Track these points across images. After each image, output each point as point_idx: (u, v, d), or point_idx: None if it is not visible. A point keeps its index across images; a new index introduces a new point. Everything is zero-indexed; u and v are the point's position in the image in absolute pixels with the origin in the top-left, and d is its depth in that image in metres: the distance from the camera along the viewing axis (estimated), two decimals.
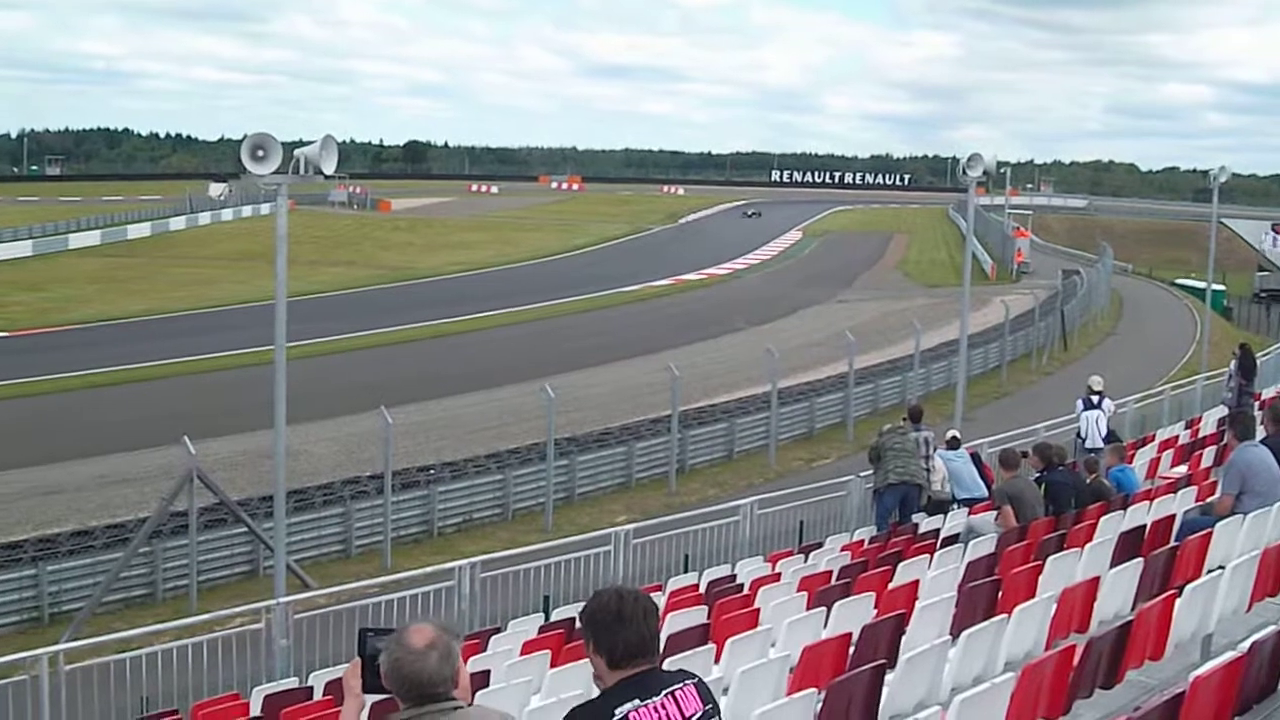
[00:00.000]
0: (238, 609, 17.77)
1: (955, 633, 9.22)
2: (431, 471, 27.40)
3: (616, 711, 4.47)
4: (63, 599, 21.62)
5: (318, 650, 15.36)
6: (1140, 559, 10.43)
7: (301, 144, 17.16)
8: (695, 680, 4.66)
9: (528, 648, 11.89)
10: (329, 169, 16.87)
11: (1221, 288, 62.29)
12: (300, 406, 19.11)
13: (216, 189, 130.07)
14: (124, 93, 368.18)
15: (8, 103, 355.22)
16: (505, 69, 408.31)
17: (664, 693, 4.55)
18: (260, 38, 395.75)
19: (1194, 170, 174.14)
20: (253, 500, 24.01)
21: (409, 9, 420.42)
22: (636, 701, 4.48)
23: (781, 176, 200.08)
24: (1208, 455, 20.04)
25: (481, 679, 9.80)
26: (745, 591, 13.84)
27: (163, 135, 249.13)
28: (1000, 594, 10.37)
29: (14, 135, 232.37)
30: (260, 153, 16.28)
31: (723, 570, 16.76)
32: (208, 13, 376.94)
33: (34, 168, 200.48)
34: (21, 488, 27.40)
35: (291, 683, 13.50)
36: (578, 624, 4.86)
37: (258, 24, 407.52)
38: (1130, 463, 19.18)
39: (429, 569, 18.31)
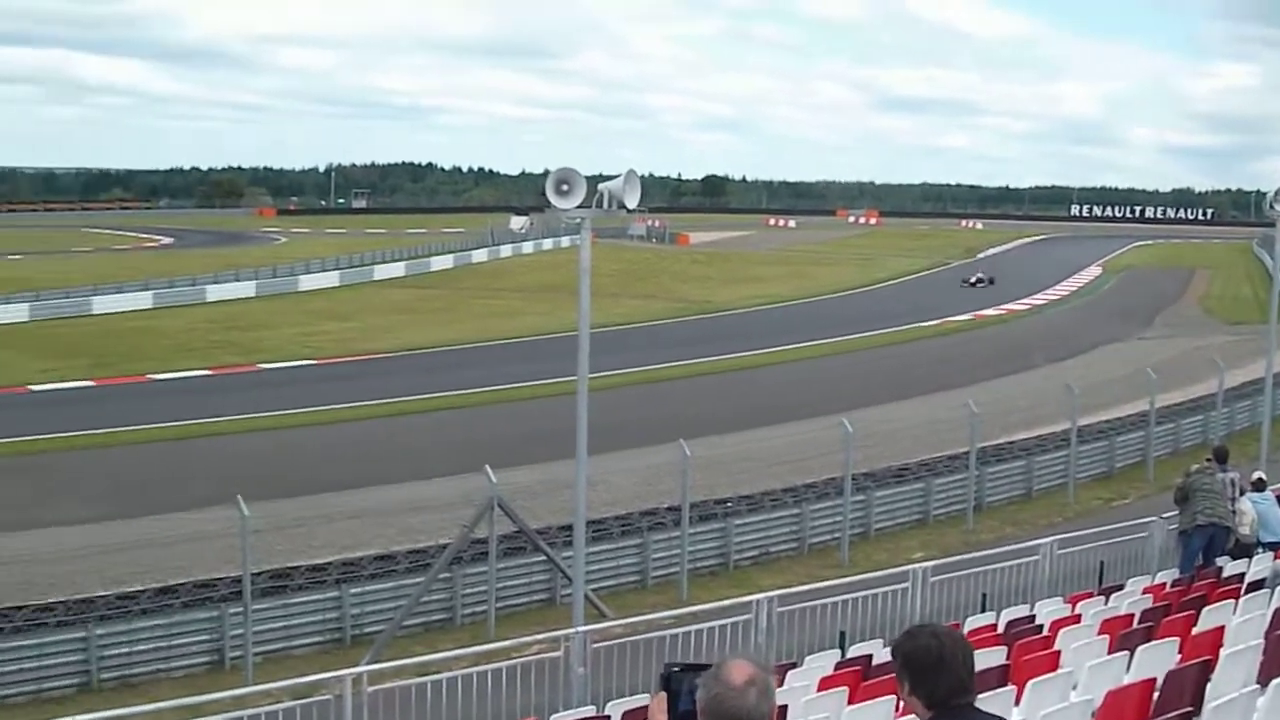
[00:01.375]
0: (536, 636, 17.80)
1: (1263, 681, 8.72)
2: (728, 504, 27.23)
3: None
4: (364, 621, 22.09)
5: (615, 679, 15.24)
6: None
7: (602, 178, 17.17)
8: None
9: (824, 684, 11.55)
10: (631, 203, 16.88)
11: None
12: (600, 437, 19.09)
13: (517, 222, 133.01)
14: (427, 128, 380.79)
15: (316, 138, 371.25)
16: (799, 103, 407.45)
17: None
18: (558, 74, 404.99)
19: None
20: (551, 529, 24.17)
21: (702, 43, 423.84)
22: None
23: (1080, 211, 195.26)
24: None
25: (779, 715, 9.50)
26: (1045, 633, 13.31)
27: (465, 169, 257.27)
28: None
29: (322, 169, 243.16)
30: (565, 187, 16.37)
31: (1021, 610, 16.12)
32: (508, 50, 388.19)
33: (341, 201, 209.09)
34: (329, 511, 28.16)
35: (589, 711, 13.39)
36: (892, 662, 4.60)
37: (556, 60, 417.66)
38: None
39: (726, 602, 18.06)
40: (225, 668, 20.83)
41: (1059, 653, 11.40)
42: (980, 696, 8.00)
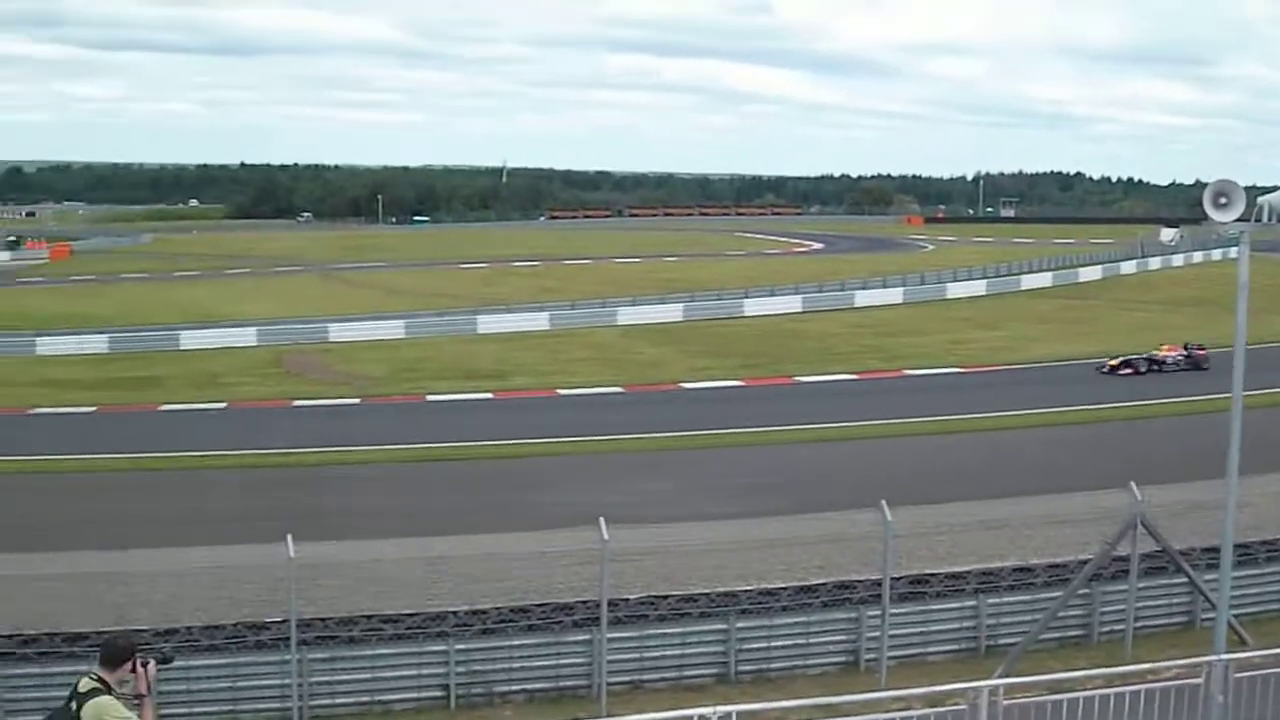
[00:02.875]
0: (1175, 661, 17.14)
1: None
2: None
3: None
4: (999, 632, 21.96)
5: (1256, 710, 14.48)
6: None
7: (1259, 190, 16.41)
8: None
9: None
10: None
11: None
12: (1246, 458, 18.14)
13: (1168, 234, 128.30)
14: (1076, 138, 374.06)
15: (963, 146, 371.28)
16: None
17: None
18: (1210, 81, 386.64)
19: None
20: (1194, 551, 23.16)
21: None
22: None
23: None
24: None
25: None
26: None
27: (1114, 179, 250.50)
28: None
29: (970, 178, 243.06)
30: (1223, 200, 15.74)
31: None
32: (1156, 57, 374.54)
33: (989, 209, 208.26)
34: (967, 520, 28.12)
35: None
36: None
37: (1207, 68, 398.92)
38: None
39: None
40: (859, 669, 21.20)
41: None
42: None
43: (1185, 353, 51.60)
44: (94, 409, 48.29)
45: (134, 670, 9.06)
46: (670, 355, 59.40)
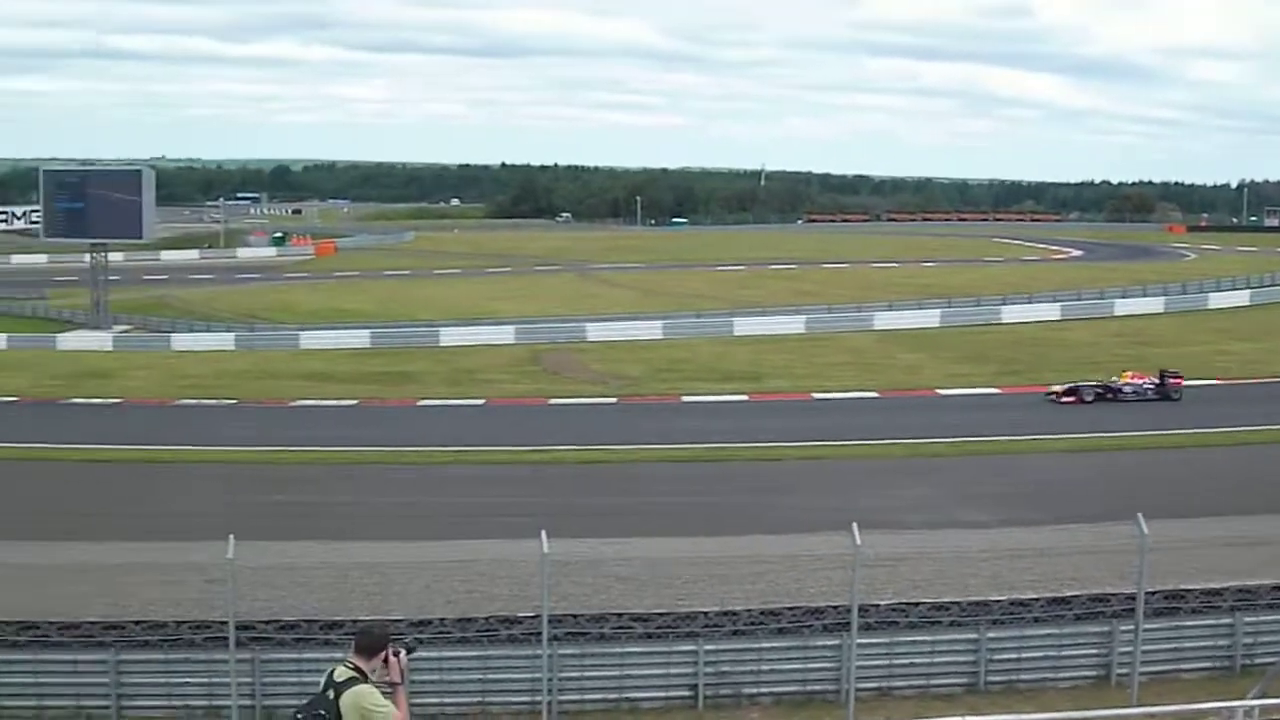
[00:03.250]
0: None
1: None
2: None
3: None
4: (1256, 652, 21.52)
5: None
6: None
7: None
8: None
9: None
10: None
11: None
12: None
13: None
14: None
15: (1228, 153, 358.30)
16: None
17: None
18: None
19: None
20: None
21: None
22: None
23: None
24: None
25: None
26: None
27: None
28: None
29: (1234, 186, 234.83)
30: None
31: None
32: None
33: (1253, 218, 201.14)
34: (1224, 534, 27.49)
35: None
36: None
37: None
38: None
39: None
40: (1110, 684, 20.96)
41: None
42: None
43: (1156, 381, 48.91)
44: (354, 402, 50.28)
45: (387, 660, 9.21)
46: (926, 361, 59.07)
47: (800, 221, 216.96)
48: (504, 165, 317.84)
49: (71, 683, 19.84)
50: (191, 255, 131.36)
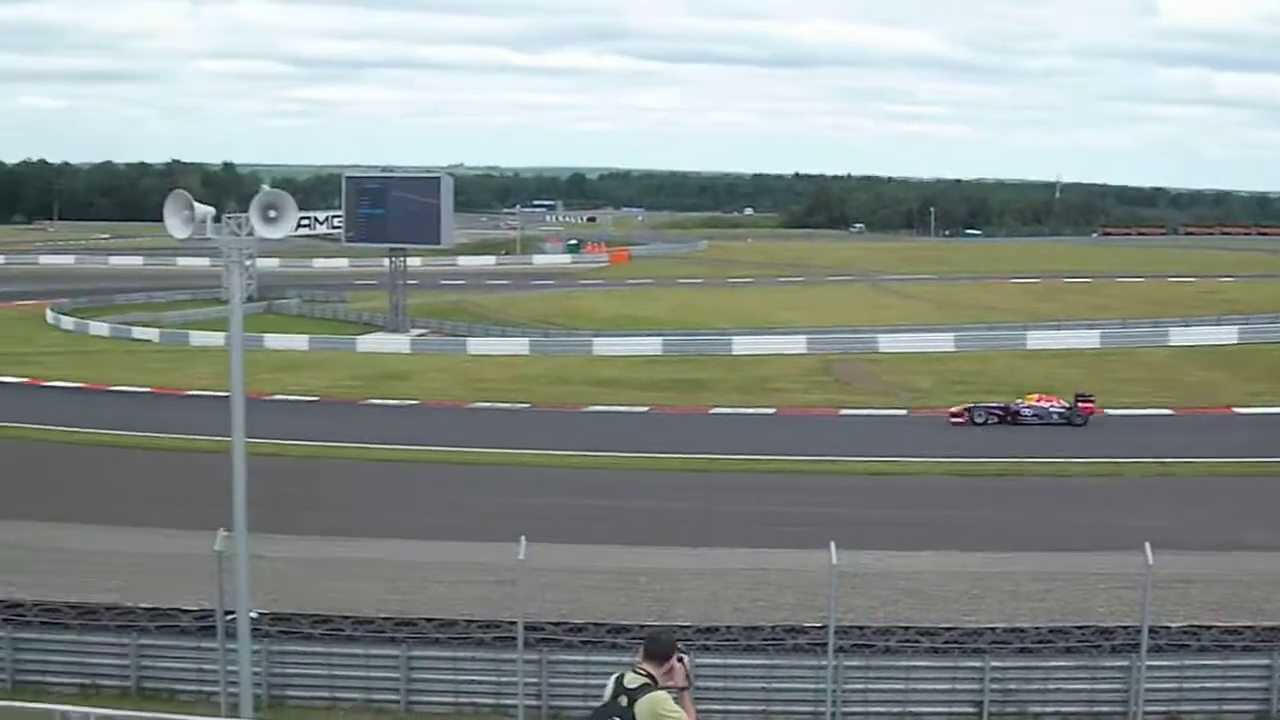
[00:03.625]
0: None
1: None
2: None
3: None
4: None
5: None
6: None
7: None
8: None
9: None
10: None
11: None
12: None
13: None
14: None
15: None
16: None
17: None
18: None
19: None
20: None
21: None
22: None
23: None
24: None
25: None
26: None
27: None
28: None
29: None
30: None
31: None
32: None
33: None
34: None
35: None
36: None
37: None
38: None
39: None
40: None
41: None
42: None
43: (1066, 405, 45.54)
44: (646, 409, 50.91)
45: (671, 665, 9.18)
46: (1223, 379, 56.86)
47: (1095, 234, 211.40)
48: (797, 175, 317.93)
49: (362, 676, 20.63)
50: (488, 261, 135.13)
